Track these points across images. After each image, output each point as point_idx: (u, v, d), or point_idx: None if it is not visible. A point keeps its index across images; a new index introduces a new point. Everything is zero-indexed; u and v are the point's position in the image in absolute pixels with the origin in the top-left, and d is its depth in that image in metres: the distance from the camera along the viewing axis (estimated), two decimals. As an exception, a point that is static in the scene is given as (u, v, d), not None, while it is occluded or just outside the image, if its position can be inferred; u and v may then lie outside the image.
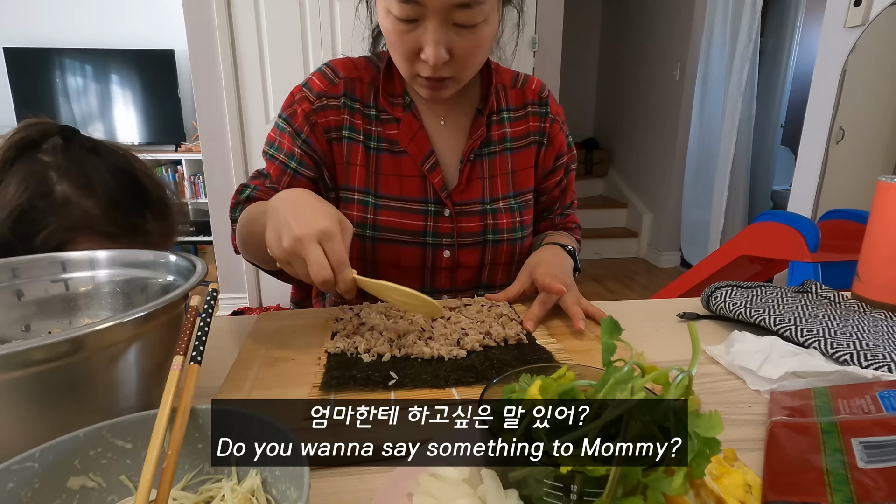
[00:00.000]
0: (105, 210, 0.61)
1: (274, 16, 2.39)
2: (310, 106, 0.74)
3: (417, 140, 0.76)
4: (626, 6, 4.05)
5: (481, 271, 0.81)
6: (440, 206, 0.77)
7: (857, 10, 1.70)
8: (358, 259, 0.78)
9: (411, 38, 0.64)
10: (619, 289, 3.32)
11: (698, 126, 3.34)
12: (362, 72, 0.77)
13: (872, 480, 0.31)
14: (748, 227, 1.78)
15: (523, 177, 0.83)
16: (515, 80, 0.83)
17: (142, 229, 0.64)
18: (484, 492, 0.30)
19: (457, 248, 0.78)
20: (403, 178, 0.76)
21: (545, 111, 0.83)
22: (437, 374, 0.49)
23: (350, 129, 0.75)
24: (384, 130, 0.76)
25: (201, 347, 0.36)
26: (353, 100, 0.75)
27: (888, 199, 0.65)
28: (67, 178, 0.60)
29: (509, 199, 0.81)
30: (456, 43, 0.64)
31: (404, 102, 0.77)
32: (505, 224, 0.79)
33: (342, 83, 0.75)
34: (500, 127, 0.81)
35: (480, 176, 0.79)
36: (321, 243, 0.51)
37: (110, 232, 0.61)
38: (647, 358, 0.55)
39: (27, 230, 0.58)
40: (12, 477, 0.27)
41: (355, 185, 0.76)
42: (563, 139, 0.85)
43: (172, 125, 3.61)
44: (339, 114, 0.75)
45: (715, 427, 0.26)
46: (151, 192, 0.67)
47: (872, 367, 0.49)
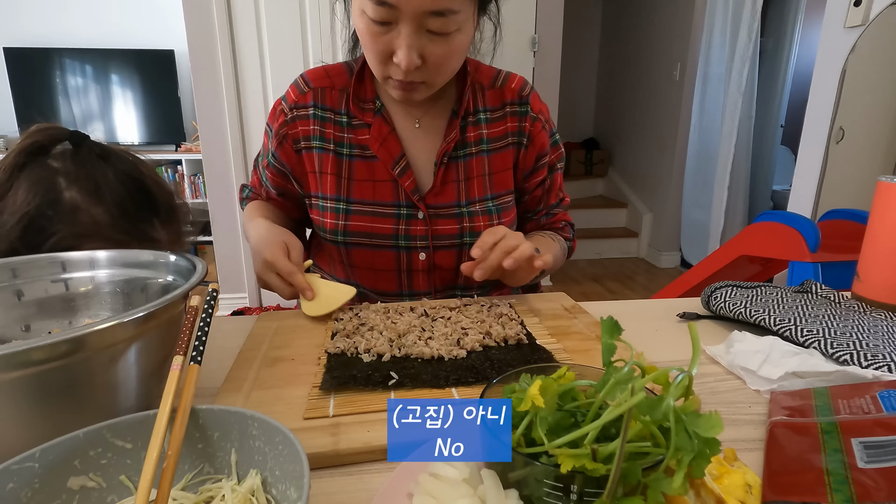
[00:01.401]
0: (113, 217, 0.61)
1: (274, 16, 2.39)
2: (284, 118, 0.78)
3: (387, 144, 0.77)
4: (626, 6, 4.05)
5: (458, 274, 0.80)
6: (413, 209, 0.77)
7: (857, 10, 1.70)
8: (338, 262, 0.82)
9: (385, 41, 0.64)
10: (619, 289, 3.32)
11: (698, 126, 3.34)
12: (334, 79, 0.78)
13: (872, 480, 0.31)
14: (748, 227, 1.78)
15: (501, 178, 0.81)
16: (495, 79, 0.81)
17: (150, 236, 0.64)
18: (484, 492, 0.30)
19: (432, 250, 0.78)
20: (376, 182, 0.77)
21: (525, 110, 0.80)
22: (438, 373, 0.49)
23: (320, 139, 0.77)
24: (356, 136, 0.77)
25: (201, 347, 0.36)
26: (324, 109, 0.77)
27: (888, 199, 0.65)
28: (77, 185, 0.60)
29: (487, 202, 0.80)
30: (428, 49, 0.65)
31: (375, 107, 0.77)
32: (482, 227, 0.78)
33: (311, 94, 0.77)
34: (477, 128, 0.79)
35: (455, 179, 0.79)
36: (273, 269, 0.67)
37: (118, 239, 0.61)
38: (647, 358, 0.55)
39: (35, 238, 0.57)
40: (12, 477, 0.27)
41: (327, 192, 0.78)
42: (545, 138, 0.82)
43: (172, 125, 3.61)
44: (308, 124, 0.77)
45: (715, 427, 0.26)
46: (160, 198, 0.66)
47: (872, 367, 0.49)
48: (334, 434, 0.40)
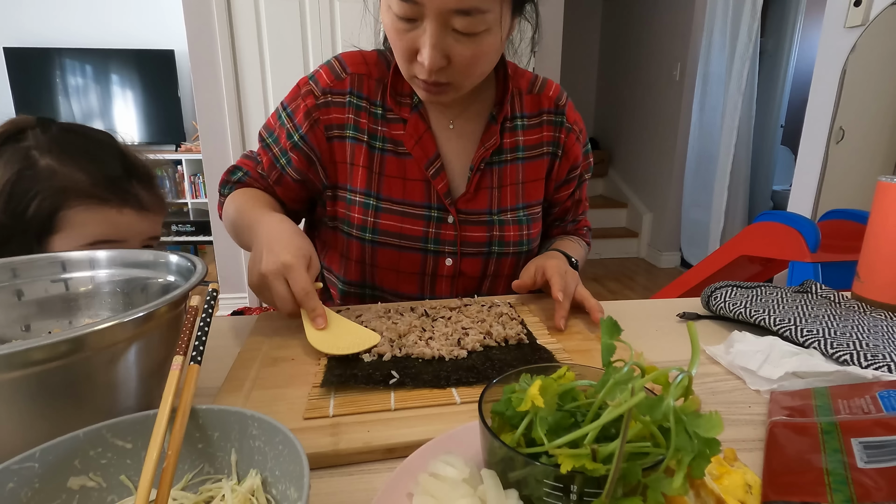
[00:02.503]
0: (91, 175, 0.63)
1: (274, 16, 2.39)
2: (314, 101, 0.72)
3: (423, 143, 0.74)
4: (626, 6, 4.05)
5: (483, 282, 0.79)
6: (444, 212, 0.75)
7: (857, 10, 1.70)
8: (357, 262, 0.77)
9: (409, 38, 0.62)
10: (619, 289, 3.32)
11: (698, 126, 3.34)
12: (371, 67, 0.74)
13: (872, 480, 0.31)
14: (748, 227, 1.78)
15: (533, 188, 0.80)
16: (532, 84, 0.80)
17: (132, 194, 0.67)
18: (484, 492, 0.30)
19: (459, 256, 0.76)
20: (407, 181, 0.74)
21: (561, 120, 0.79)
22: (438, 373, 0.49)
23: (354, 128, 0.73)
24: (389, 130, 0.74)
25: (201, 347, 0.36)
26: (360, 97, 0.73)
27: (888, 199, 0.65)
28: (50, 154, 0.63)
29: (518, 211, 0.78)
30: (454, 49, 0.62)
31: (412, 102, 0.74)
32: (512, 237, 0.77)
33: (349, 79, 0.73)
34: (514, 135, 0.78)
35: (489, 185, 0.76)
36: (286, 277, 0.56)
37: (100, 196, 0.64)
38: (647, 358, 0.55)
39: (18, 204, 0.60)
40: (12, 477, 0.27)
41: (357, 186, 0.74)
42: (578, 150, 0.81)
43: (172, 125, 3.61)
44: (344, 112, 0.73)
45: (715, 427, 0.26)
46: (133, 160, 0.70)
47: (872, 367, 0.49)
48: (334, 434, 0.40)
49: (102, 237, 0.64)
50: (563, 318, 0.61)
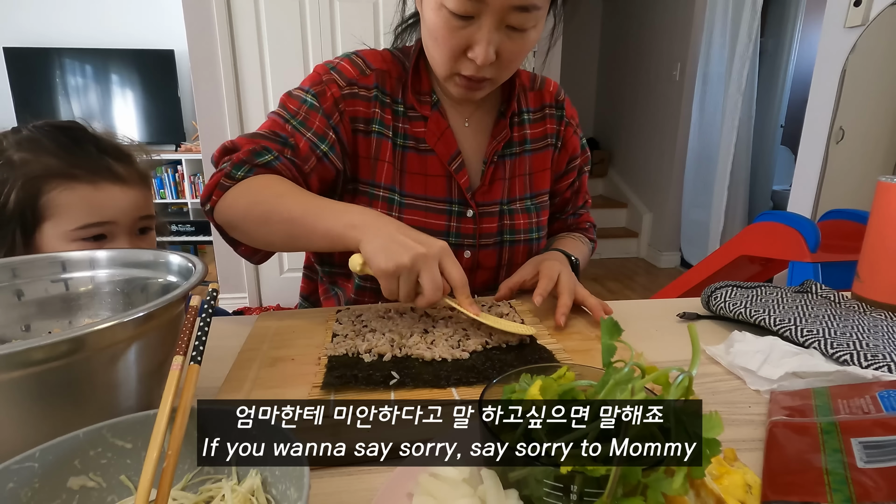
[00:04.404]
0: (63, 159, 0.65)
1: (274, 16, 2.39)
2: (339, 90, 0.71)
3: (445, 139, 0.75)
4: (626, 6, 4.05)
5: (499, 272, 0.81)
6: (464, 206, 0.77)
7: (857, 10, 1.70)
8: None
9: (462, 35, 0.63)
10: (619, 289, 3.32)
11: (698, 126, 3.34)
12: (391, 66, 0.75)
13: (872, 480, 0.31)
14: (748, 227, 1.78)
15: (540, 178, 0.83)
16: (533, 81, 0.84)
17: (109, 171, 0.68)
18: (484, 492, 0.30)
19: (478, 248, 0.78)
20: (428, 177, 0.76)
21: (561, 114, 0.84)
22: (439, 374, 0.49)
23: (380, 123, 0.74)
24: (411, 128, 0.75)
25: (201, 347, 0.36)
26: (384, 94, 0.74)
27: (888, 199, 0.65)
28: (18, 148, 0.65)
29: (526, 200, 0.81)
30: (504, 45, 0.63)
31: (432, 101, 0.76)
32: (522, 225, 0.80)
33: (374, 75, 0.73)
34: (521, 128, 0.81)
35: (502, 177, 0.79)
36: (441, 262, 0.54)
37: (78, 175, 0.65)
38: (647, 358, 0.55)
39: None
40: (12, 477, 0.27)
41: (381, 181, 0.75)
42: (576, 142, 0.86)
43: (172, 125, 3.61)
44: (370, 106, 0.73)
45: (715, 427, 0.26)
46: (103, 139, 0.71)
47: (872, 367, 0.49)
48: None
49: (90, 219, 0.65)
50: (564, 315, 0.62)
